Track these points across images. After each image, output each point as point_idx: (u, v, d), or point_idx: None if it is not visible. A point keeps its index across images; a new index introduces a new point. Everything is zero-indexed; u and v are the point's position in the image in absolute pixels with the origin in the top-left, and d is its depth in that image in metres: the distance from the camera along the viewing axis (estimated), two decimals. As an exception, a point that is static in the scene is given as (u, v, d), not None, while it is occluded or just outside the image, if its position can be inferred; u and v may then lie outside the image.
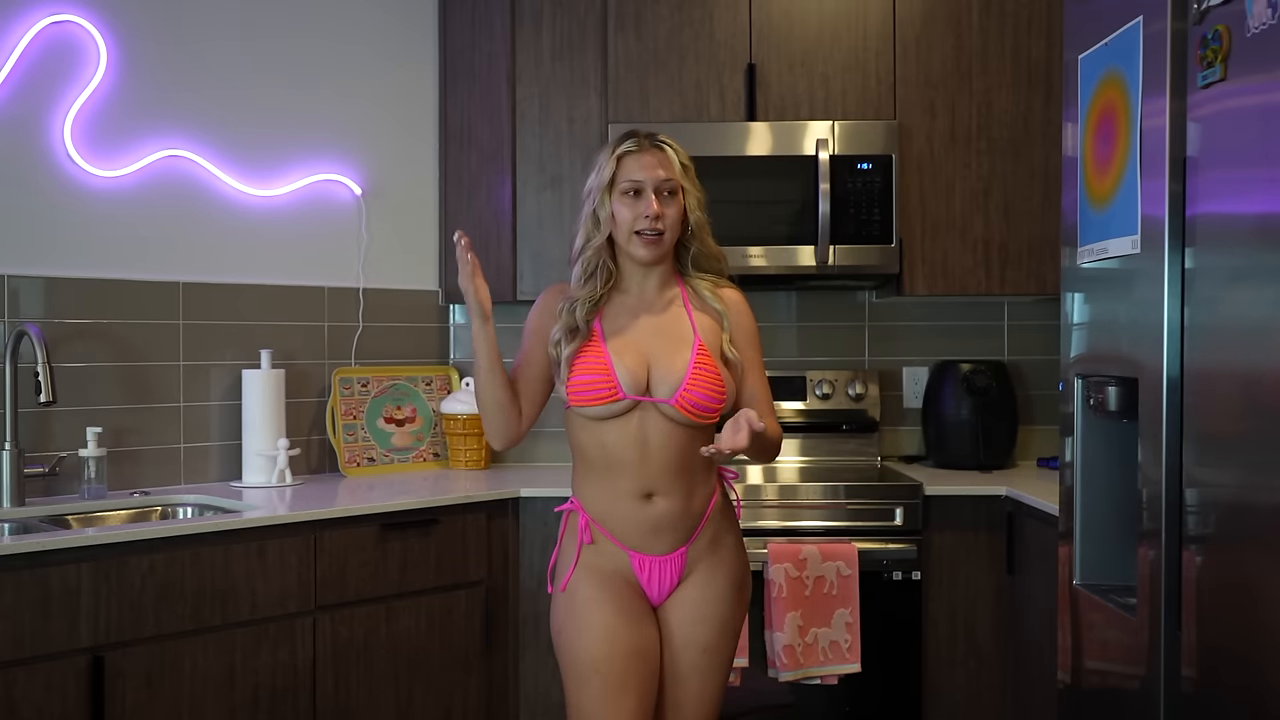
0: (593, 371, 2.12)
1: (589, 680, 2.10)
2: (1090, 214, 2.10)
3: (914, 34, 3.36)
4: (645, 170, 2.14)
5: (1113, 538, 2.11)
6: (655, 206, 2.12)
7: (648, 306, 2.21)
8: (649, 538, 2.15)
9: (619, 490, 2.14)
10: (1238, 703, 1.62)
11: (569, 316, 2.16)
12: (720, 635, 2.20)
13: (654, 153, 2.17)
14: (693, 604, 2.18)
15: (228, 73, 3.19)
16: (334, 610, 2.69)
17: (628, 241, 2.16)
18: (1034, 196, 3.34)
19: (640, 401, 2.12)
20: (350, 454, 3.39)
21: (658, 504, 2.14)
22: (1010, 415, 3.47)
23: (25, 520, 2.65)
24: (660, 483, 2.13)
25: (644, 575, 2.17)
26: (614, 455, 2.14)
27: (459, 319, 3.73)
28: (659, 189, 2.14)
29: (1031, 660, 2.86)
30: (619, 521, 2.16)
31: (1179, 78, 1.77)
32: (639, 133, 2.21)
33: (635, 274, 2.22)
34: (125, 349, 2.99)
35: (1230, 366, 1.65)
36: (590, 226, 2.19)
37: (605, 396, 2.10)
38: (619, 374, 2.10)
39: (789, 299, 3.73)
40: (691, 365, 2.12)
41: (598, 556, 2.17)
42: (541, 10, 3.43)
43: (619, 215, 2.15)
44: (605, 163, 2.18)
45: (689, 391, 2.11)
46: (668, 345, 2.15)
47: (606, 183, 2.16)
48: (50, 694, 2.24)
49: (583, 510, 2.19)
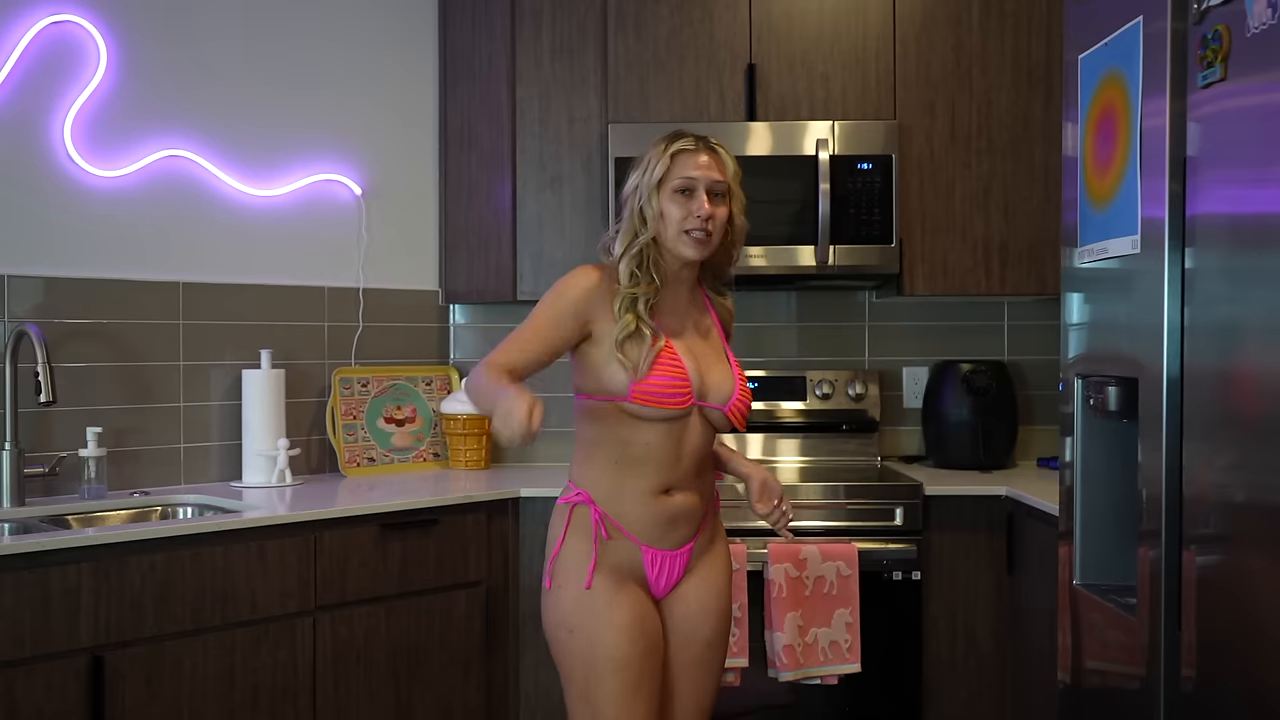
0: (672, 374, 2.10)
1: (605, 680, 2.07)
2: (1090, 214, 2.10)
3: (914, 34, 3.36)
4: (700, 170, 2.12)
5: (1113, 538, 2.11)
6: (708, 206, 2.10)
7: (685, 310, 2.21)
8: (664, 532, 2.15)
9: (639, 486, 2.13)
10: (1237, 702, 1.62)
11: (631, 314, 2.09)
12: (721, 628, 2.24)
13: (709, 154, 2.15)
14: (697, 598, 2.20)
15: (228, 73, 3.19)
16: (334, 610, 2.69)
17: (675, 239, 2.12)
18: (1034, 196, 3.34)
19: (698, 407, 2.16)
20: (350, 454, 3.39)
21: (675, 498, 2.15)
22: (1010, 415, 3.47)
23: (25, 520, 2.65)
24: (684, 479, 2.16)
25: (653, 570, 2.16)
26: (652, 453, 2.12)
27: (459, 319, 3.73)
28: (711, 189, 2.12)
29: (1031, 660, 2.86)
30: (635, 516, 2.13)
31: (1179, 78, 1.77)
32: (689, 133, 2.18)
33: (673, 276, 2.18)
34: (125, 349, 2.99)
35: (1230, 366, 1.65)
36: (637, 223, 2.14)
37: (681, 400, 2.10)
38: (693, 379, 2.13)
39: (789, 299, 3.73)
40: (737, 374, 2.20)
41: (613, 552, 2.14)
42: (541, 11, 3.43)
43: (668, 213, 2.11)
44: (657, 160, 2.13)
45: (740, 401, 2.17)
46: (711, 352, 2.21)
47: (657, 180, 2.12)
48: (50, 694, 2.24)
49: (594, 504, 2.14)
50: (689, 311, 2.22)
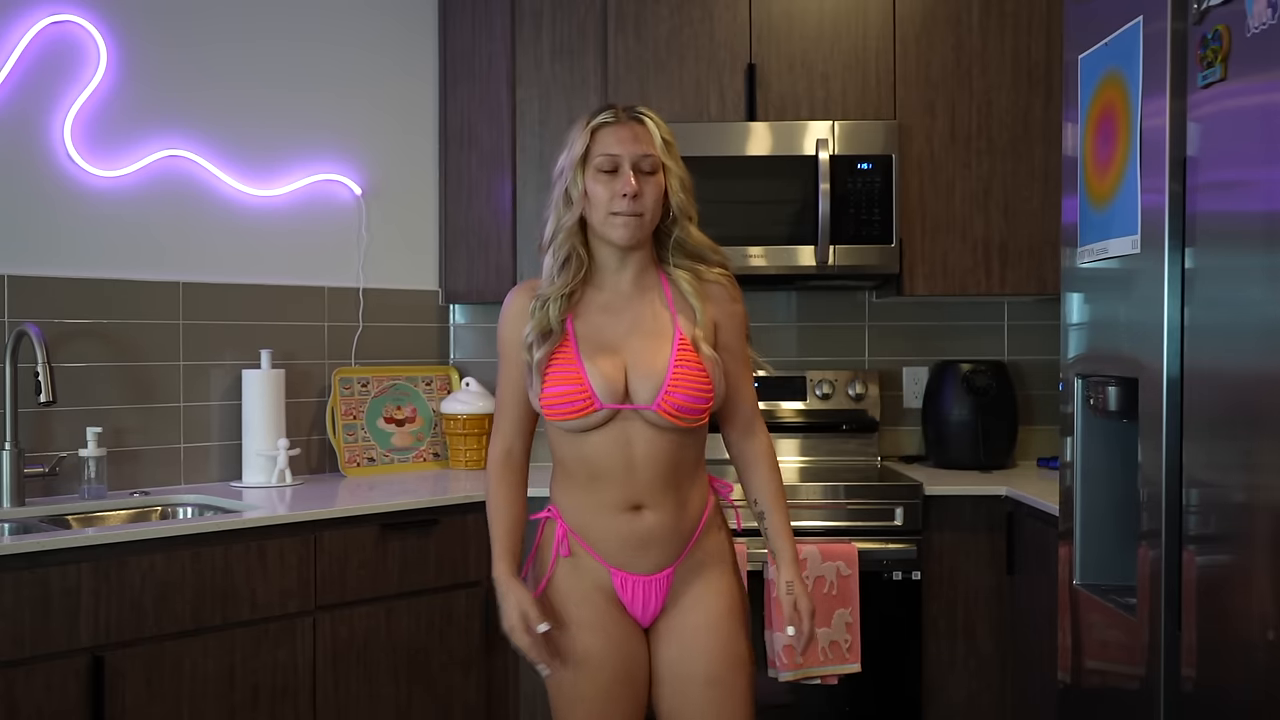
0: (565, 381, 1.92)
1: (573, 709, 1.98)
2: (1090, 214, 2.11)
3: (914, 34, 3.36)
4: (622, 144, 1.91)
5: (1113, 538, 2.11)
6: (633, 183, 1.89)
7: (624, 300, 1.99)
8: (634, 554, 1.96)
9: (602, 502, 1.95)
10: (1238, 703, 1.62)
11: (540, 315, 1.94)
12: (724, 666, 1.98)
13: (632, 125, 1.94)
14: (685, 634, 1.99)
15: (228, 73, 3.19)
16: (334, 610, 2.69)
17: (603, 223, 1.93)
18: (1034, 196, 3.34)
19: (620, 410, 1.93)
20: (350, 454, 3.39)
21: (646, 517, 1.95)
22: (1010, 415, 3.47)
23: (25, 520, 2.65)
24: (649, 494, 1.95)
25: (626, 595, 1.98)
26: (597, 467, 1.94)
27: (459, 319, 3.73)
28: (637, 165, 1.91)
29: (1031, 660, 2.86)
30: (601, 535, 1.97)
31: (1179, 78, 1.77)
32: (616, 105, 1.99)
33: (610, 263, 1.99)
34: (125, 349, 2.99)
35: (1230, 366, 1.65)
36: (561, 208, 1.96)
37: (581, 409, 1.91)
38: (593, 382, 1.91)
39: (789, 299, 3.73)
40: (672, 364, 1.92)
41: (574, 572, 1.99)
42: (541, 11, 3.43)
43: (593, 194, 1.92)
44: (578, 136, 1.95)
45: (671, 394, 1.91)
46: (646, 343, 1.95)
47: (579, 158, 1.93)
48: (50, 694, 2.24)
49: (560, 519, 2.00)
50: (628, 303, 1.99)
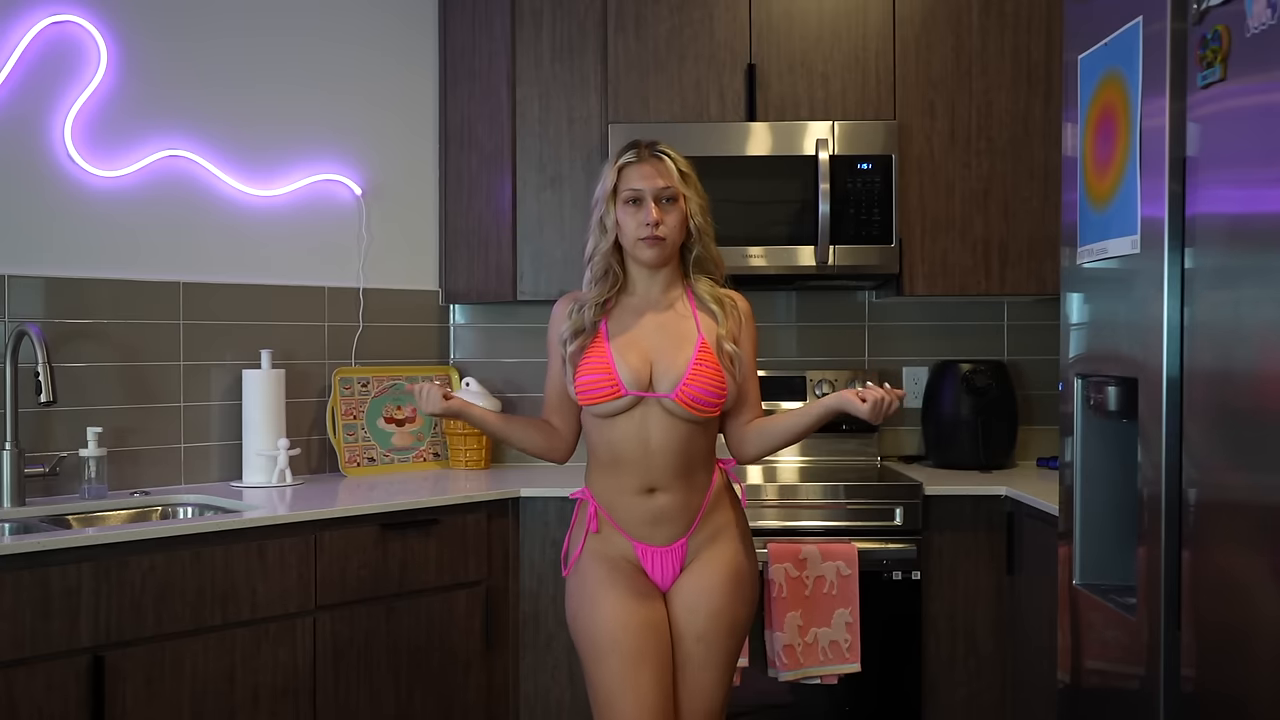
0: (596, 370, 2.25)
1: (607, 657, 2.21)
2: (1090, 214, 2.10)
3: (914, 34, 3.36)
4: (644, 180, 2.27)
5: (1112, 538, 2.11)
6: (655, 214, 2.25)
7: (653, 306, 2.34)
8: (651, 529, 2.28)
9: (623, 485, 2.28)
10: (1237, 703, 1.62)
11: (578, 318, 2.30)
12: (712, 625, 2.27)
13: (653, 162, 2.30)
14: (687, 593, 2.28)
15: (228, 72, 3.19)
16: (334, 610, 2.69)
17: (633, 247, 2.29)
18: (1034, 196, 3.34)
19: (643, 398, 2.25)
20: (350, 454, 3.39)
21: (659, 498, 2.27)
22: (1010, 415, 3.47)
23: (25, 520, 2.65)
24: (662, 478, 2.26)
25: (648, 563, 2.30)
26: (619, 451, 2.27)
27: (459, 319, 3.73)
28: (658, 197, 2.27)
29: (1031, 660, 2.86)
30: (624, 513, 2.29)
31: (1179, 78, 1.77)
32: (640, 143, 2.33)
33: (641, 277, 2.35)
34: (125, 349, 2.99)
35: (1230, 366, 1.65)
36: (598, 233, 2.34)
37: (608, 394, 2.24)
38: (620, 371, 2.24)
39: (789, 299, 3.73)
40: (693, 361, 2.25)
41: (604, 544, 2.31)
42: (541, 11, 3.43)
43: (623, 223, 2.29)
44: (608, 173, 2.33)
45: (689, 386, 2.23)
46: (671, 343, 2.28)
47: (610, 192, 2.30)
48: (50, 694, 2.24)
49: (592, 499, 2.33)
50: (656, 308, 2.33)
